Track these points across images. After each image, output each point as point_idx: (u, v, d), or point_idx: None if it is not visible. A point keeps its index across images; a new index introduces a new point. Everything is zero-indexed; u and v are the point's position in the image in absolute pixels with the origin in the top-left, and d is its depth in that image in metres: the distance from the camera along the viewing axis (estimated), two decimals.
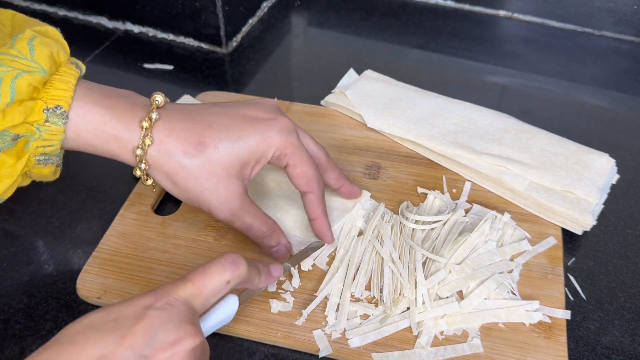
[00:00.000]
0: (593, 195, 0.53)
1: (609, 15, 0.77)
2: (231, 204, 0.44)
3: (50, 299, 0.49)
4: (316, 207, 0.47)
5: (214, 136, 0.42)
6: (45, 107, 0.39)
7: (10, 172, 0.39)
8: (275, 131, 0.44)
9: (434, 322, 0.45)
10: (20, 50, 0.39)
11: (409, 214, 0.51)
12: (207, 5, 0.72)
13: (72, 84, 0.40)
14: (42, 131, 0.40)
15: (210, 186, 0.43)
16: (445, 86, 0.67)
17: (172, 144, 0.42)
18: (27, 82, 0.38)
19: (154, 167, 0.43)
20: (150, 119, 0.41)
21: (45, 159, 0.41)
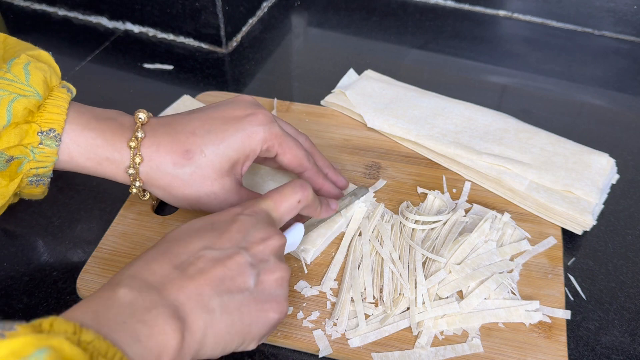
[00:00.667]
0: (593, 195, 0.53)
1: (609, 15, 0.77)
2: (231, 200, 0.45)
3: (51, 299, 0.49)
4: (317, 178, 0.50)
5: (198, 142, 0.44)
6: (39, 130, 0.41)
7: (3, 192, 0.41)
8: (256, 125, 0.45)
9: (434, 322, 0.45)
10: (16, 75, 0.40)
11: (408, 214, 0.51)
12: (207, 5, 0.72)
13: (64, 108, 0.42)
14: (36, 153, 0.41)
15: (206, 190, 0.44)
16: (445, 86, 0.67)
17: (161, 158, 0.44)
18: (23, 106, 0.40)
19: (149, 183, 0.44)
20: (137, 138, 0.43)
21: (37, 180, 0.43)
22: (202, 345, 0.34)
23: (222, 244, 0.37)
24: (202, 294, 0.34)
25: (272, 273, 0.38)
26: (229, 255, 0.37)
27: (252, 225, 0.39)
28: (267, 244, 0.38)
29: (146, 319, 0.32)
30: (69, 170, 0.44)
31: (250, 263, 0.37)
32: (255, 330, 0.37)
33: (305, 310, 0.46)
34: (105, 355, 0.29)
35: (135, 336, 0.31)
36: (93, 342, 0.29)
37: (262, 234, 0.39)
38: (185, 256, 0.36)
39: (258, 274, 0.37)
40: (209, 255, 0.36)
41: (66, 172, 0.59)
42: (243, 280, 0.36)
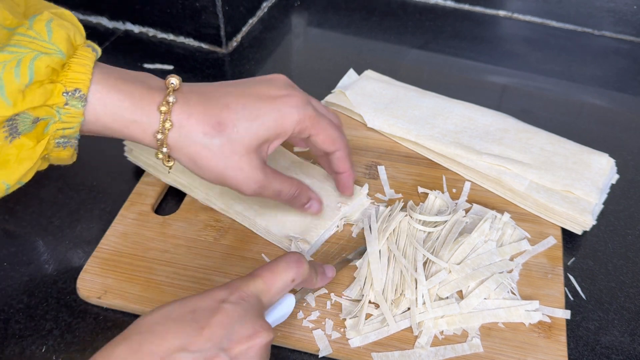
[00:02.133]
0: (593, 195, 0.53)
1: (609, 15, 0.77)
2: (257, 177, 0.44)
3: (51, 299, 0.49)
4: (345, 161, 0.49)
5: (232, 116, 0.43)
6: (64, 90, 0.39)
7: (30, 154, 0.39)
8: (291, 107, 0.45)
9: (434, 322, 0.45)
10: (38, 32, 0.38)
11: (413, 213, 0.51)
12: (207, 5, 0.72)
13: (89, 67, 0.40)
14: (62, 114, 0.40)
15: (233, 164, 0.43)
16: (445, 86, 0.67)
17: (192, 126, 0.42)
18: (45, 64, 0.38)
19: (176, 150, 0.43)
20: (168, 102, 0.42)
21: (64, 142, 0.41)
22: None
23: (200, 343, 0.33)
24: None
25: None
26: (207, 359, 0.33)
27: (237, 317, 0.35)
28: (252, 343, 0.34)
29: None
30: (96, 132, 0.42)
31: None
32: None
33: (305, 310, 0.46)
34: None
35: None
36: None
37: (248, 330, 0.35)
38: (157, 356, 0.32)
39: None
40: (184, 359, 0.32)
41: (67, 174, 0.59)
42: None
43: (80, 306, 0.48)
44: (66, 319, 0.47)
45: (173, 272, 0.49)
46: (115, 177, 0.59)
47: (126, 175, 0.59)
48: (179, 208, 0.55)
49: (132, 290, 0.48)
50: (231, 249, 0.51)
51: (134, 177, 0.58)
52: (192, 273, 0.49)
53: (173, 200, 0.56)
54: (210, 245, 0.51)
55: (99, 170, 0.60)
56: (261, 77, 0.47)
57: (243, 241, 0.52)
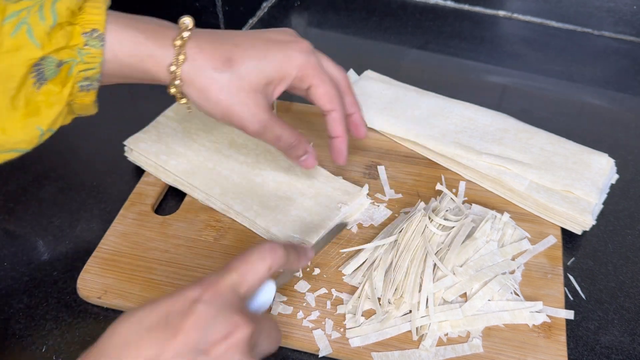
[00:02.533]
0: (593, 195, 0.53)
1: (609, 15, 0.77)
2: (261, 116, 0.46)
3: (51, 299, 0.49)
4: (339, 124, 0.50)
5: (241, 53, 0.45)
6: (83, 31, 0.41)
7: (58, 98, 0.41)
8: (297, 51, 0.46)
9: (439, 325, 0.45)
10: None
11: (434, 217, 0.50)
12: (207, 5, 0.72)
13: (103, 9, 0.42)
14: (83, 54, 0.41)
15: (240, 100, 0.45)
16: (445, 86, 0.67)
17: (204, 60, 0.44)
18: (65, 6, 0.40)
19: (187, 83, 0.44)
20: (182, 37, 0.44)
21: (87, 85, 0.43)
22: None
23: (176, 350, 0.32)
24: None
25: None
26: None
27: (212, 317, 0.33)
28: (231, 341, 0.33)
29: None
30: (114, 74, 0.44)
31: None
32: None
33: (305, 310, 0.46)
34: None
35: None
36: None
37: (225, 327, 0.33)
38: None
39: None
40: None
41: (67, 174, 0.59)
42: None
43: (80, 306, 0.48)
44: (66, 319, 0.47)
45: (173, 272, 0.49)
46: (115, 177, 0.59)
47: (126, 175, 0.59)
48: (179, 208, 0.55)
49: (132, 290, 0.48)
50: (231, 249, 0.51)
51: (134, 177, 0.58)
52: (192, 273, 0.49)
53: (173, 200, 0.57)
54: (210, 245, 0.51)
55: (99, 170, 0.60)
56: (270, 29, 0.49)
57: (243, 241, 0.52)
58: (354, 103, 0.52)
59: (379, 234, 0.52)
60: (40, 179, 0.59)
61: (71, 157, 0.61)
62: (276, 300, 0.47)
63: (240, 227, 0.53)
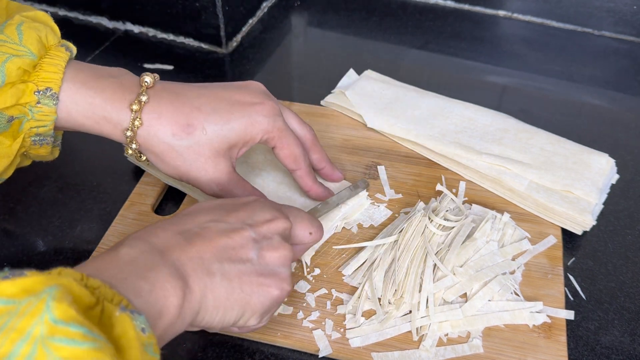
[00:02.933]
0: (593, 195, 0.53)
1: (609, 15, 0.77)
2: (219, 180, 0.46)
3: None
4: (306, 180, 0.51)
5: (202, 118, 0.44)
6: (36, 89, 0.40)
7: (7, 152, 0.41)
8: (263, 115, 0.45)
9: (439, 325, 0.45)
10: (9, 35, 0.40)
11: (434, 217, 0.50)
12: (207, 6, 0.72)
13: (61, 66, 0.41)
14: (35, 112, 0.41)
15: (198, 165, 0.45)
16: (445, 86, 0.67)
17: (162, 126, 0.43)
18: (16, 66, 0.39)
19: (144, 148, 0.44)
20: (140, 102, 0.43)
21: (40, 140, 0.43)
22: (202, 307, 0.35)
23: (229, 219, 0.38)
24: (203, 258, 0.35)
25: (275, 250, 0.39)
26: (234, 229, 0.38)
27: (260, 207, 0.40)
28: (272, 224, 0.39)
29: (148, 276, 0.32)
30: (69, 128, 0.44)
31: (254, 238, 0.38)
32: (255, 302, 0.37)
33: (305, 310, 0.46)
34: (112, 300, 0.29)
35: (137, 291, 0.31)
36: (99, 288, 0.29)
37: (269, 215, 0.40)
38: (191, 225, 0.37)
39: (261, 248, 0.38)
40: (214, 227, 0.37)
41: (67, 174, 0.59)
42: (245, 252, 0.37)
43: None
44: None
45: None
46: (115, 177, 0.59)
47: (126, 175, 0.59)
48: (179, 208, 0.55)
49: None
50: None
51: (134, 177, 0.58)
52: None
53: (173, 200, 0.57)
54: None
55: (99, 170, 0.60)
56: (237, 83, 0.48)
57: None
58: (321, 159, 0.52)
59: (379, 234, 0.52)
60: (40, 179, 0.59)
61: (71, 157, 0.60)
62: None
63: None
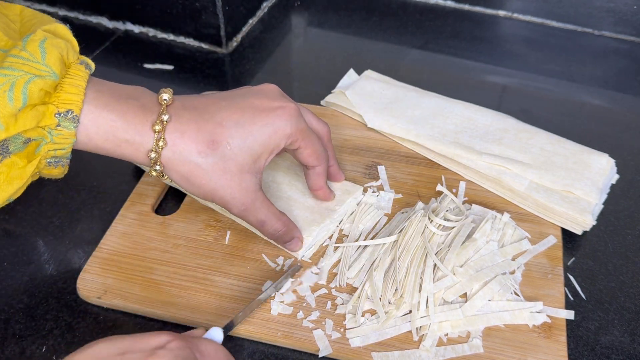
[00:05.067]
0: (593, 195, 0.53)
1: (609, 15, 0.77)
2: (244, 199, 0.44)
3: (51, 299, 0.49)
4: (321, 178, 0.50)
5: (225, 134, 0.43)
6: (56, 112, 0.39)
7: (20, 174, 0.39)
8: (285, 120, 0.44)
9: (439, 325, 0.45)
10: (32, 53, 0.38)
11: (434, 217, 0.50)
12: (207, 5, 0.72)
13: (82, 87, 0.40)
14: (54, 135, 0.40)
15: (224, 183, 0.43)
16: (445, 86, 0.67)
17: (186, 145, 0.42)
18: (39, 87, 0.38)
19: (169, 168, 0.43)
20: (162, 121, 0.42)
21: (55, 162, 0.41)
22: None
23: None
24: None
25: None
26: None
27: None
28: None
29: None
30: (88, 150, 0.43)
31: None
32: None
33: (305, 310, 0.46)
34: None
35: None
36: None
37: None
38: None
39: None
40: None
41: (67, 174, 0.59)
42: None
43: (80, 306, 0.48)
44: (66, 319, 0.47)
45: (173, 272, 0.49)
46: (115, 177, 0.59)
47: (126, 175, 0.59)
48: (179, 208, 0.55)
49: (132, 290, 0.48)
50: (231, 249, 0.51)
51: (134, 177, 0.58)
52: (192, 273, 0.49)
53: (173, 200, 0.57)
54: (210, 245, 0.51)
55: (99, 170, 0.60)
56: (254, 88, 0.47)
57: (243, 241, 0.52)
58: (332, 156, 0.52)
59: (379, 234, 0.52)
60: (40, 179, 0.58)
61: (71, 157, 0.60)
62: (276, 300, 0.47)
63: (240, 227, 0.53)
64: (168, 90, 0.43)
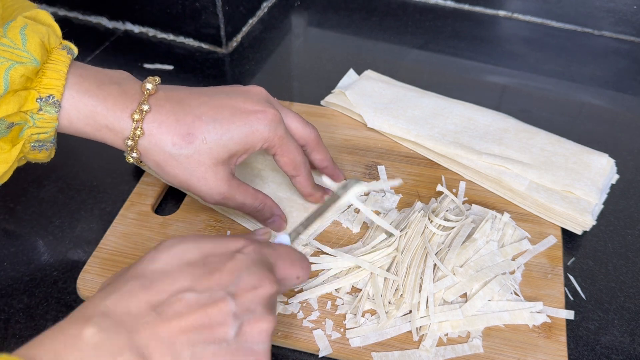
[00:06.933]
0: (593, 195, 0.53)
1: (609, 15, 0.77)
2: (220, 189, 0.45)
3: (51, 299, 0.49)
4: (306, 185, 0.50)
5: (202, 128, 0.44)
6: (38, 97, 0.40)
7: (6, 158, 0.40)
8: (263, 124, 0.45)
9: (439, 325, 0.45)
10: (13, 40, 0.39)
11: (434, 218, 0.50)
12: (207, 5, 0.72)
13: (64, 73, 0.41)
14: (36, 119, 0.41)
15: (198, 174, 0.44)
16: (445, 86, 0.67)
17: (162, 135, 0.43)
18: (20, 73, 0.39)
19: (145, 156, 0.44)
20: (142, 111, 0.43)
21: (39, 146, 0.42)
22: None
23: (209, 285, 0.34)
24: (174, 343, 0.32)
25: (256, 324, 0.35)
26: (214, 300, 0.34)
27: (246, 266, 0.36)
28: (257, 292, 0.36)
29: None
30: (70, 134, 0.44)
31: (234, 313, 0.34)
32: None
33: (305, 310, 0.46)
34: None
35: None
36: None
37: (255, 279, 0.36)
38: (165, 295, 0.33)
39: (241, 324, 0.34)
40: (192, 299, 0.33)
41: (67, 174, 0.59)
42: (223, 331, 0.33)
43: None
44: None
45: None
46: (115, 177, 0.59)
47: (126, 175, 0.59)
48: (179, 208, 0.55)
49: None
50: None
51: (134, 177, 0.58)
52: None
53: (173, 200, 0.57)
54: None
55: (99, 170, 0.60)
56: (240, 88, 0.48)
57: None
58: (324, 159, 0.52)
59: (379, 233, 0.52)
60: (40, 179, 0.59)
61: (71, 157, 0.60)
62: (276, 300, 0.47)
63: (240, 227, 0.53)
64: (154, 79, 0.44)
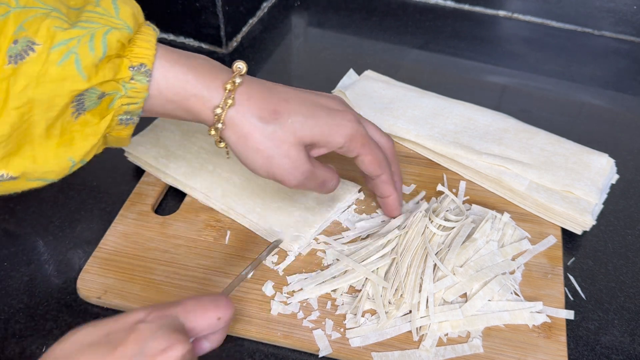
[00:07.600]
0: (593, 195, 0.53)
1: (609, 15, 0.77)
2: (304, 167, 0.44)
3: (51, 299, 0.49)
4: (389, 185, 0.50)
5: (289, 108, 0.44)
6: (130, 65, 0.40)
7: (94, 130, 0.40)
8: (347, 120, 0.45)
9: (439, 325, 0.45)
10: (106, 9, 0.40)
11: (435, 218, 0.50)
12: (207, 5, 0.72)
13: (153, 43, 0.41)
14: (128, 88, 0.40)
15: (281, 151, 0.44)
16: (445, 86, 0.67)
17: (251, 107, 0.43)
18: (116, 38, 0.39)
19: (230, 127, 0.43)
20: (234, 82, 0.43)
21: (127, 119, 0.42)
22: None
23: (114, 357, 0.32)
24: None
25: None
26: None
27: (151, 333, 0.34)
28: (167, 355, 0.33)
29: None
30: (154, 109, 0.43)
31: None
32: None
33: (305, 310, 0.46)
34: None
35: None
36: None
37: (163, 343, 0.33)
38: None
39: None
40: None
41: None
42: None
43: (80, 306, 0.48)
44: (66, 319, 0.47)
45: (173, 272, 0.49)
46: (115, 177, 0.59)
47: (126, 175, 0.59)
48: (179, 208, 0.55)
49: (132, 290, 0.48)
50: (231, 249, 0.51)
51: (134, 177, 0.58)
52: (192, 273, 0.49)
53: (173, 200, 0.57)
54: (210, 245, 0.51)
55: (99, 170, 0.59)
56: (320, 93, 0.48)
57: (243, 241, 0.52)
58: (397, 171, 0.51)
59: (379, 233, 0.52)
60: None
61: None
62: (276, 300, 0.47)
63: (241, 227, 0.53)
64: (243, 62, 0.44)
